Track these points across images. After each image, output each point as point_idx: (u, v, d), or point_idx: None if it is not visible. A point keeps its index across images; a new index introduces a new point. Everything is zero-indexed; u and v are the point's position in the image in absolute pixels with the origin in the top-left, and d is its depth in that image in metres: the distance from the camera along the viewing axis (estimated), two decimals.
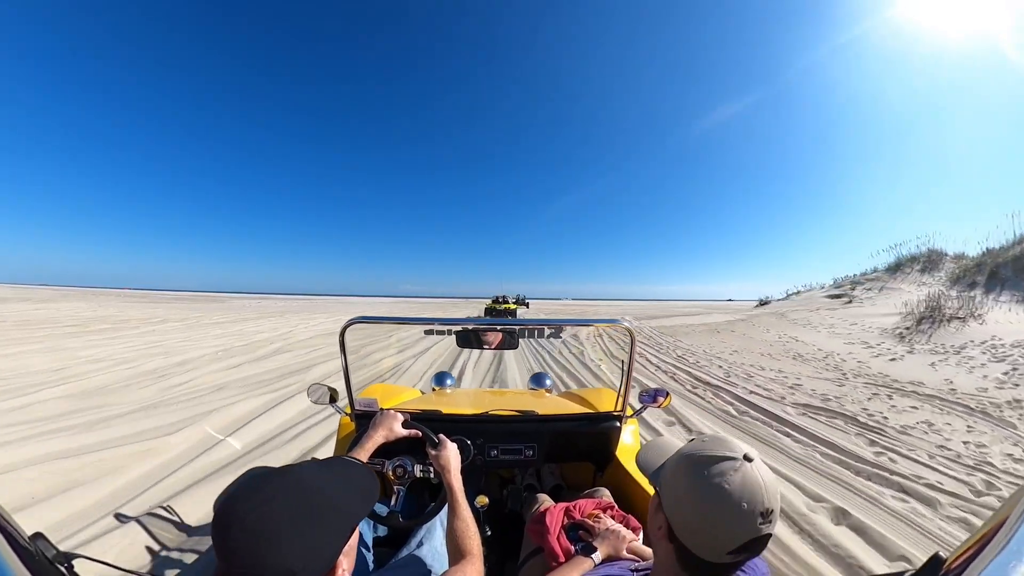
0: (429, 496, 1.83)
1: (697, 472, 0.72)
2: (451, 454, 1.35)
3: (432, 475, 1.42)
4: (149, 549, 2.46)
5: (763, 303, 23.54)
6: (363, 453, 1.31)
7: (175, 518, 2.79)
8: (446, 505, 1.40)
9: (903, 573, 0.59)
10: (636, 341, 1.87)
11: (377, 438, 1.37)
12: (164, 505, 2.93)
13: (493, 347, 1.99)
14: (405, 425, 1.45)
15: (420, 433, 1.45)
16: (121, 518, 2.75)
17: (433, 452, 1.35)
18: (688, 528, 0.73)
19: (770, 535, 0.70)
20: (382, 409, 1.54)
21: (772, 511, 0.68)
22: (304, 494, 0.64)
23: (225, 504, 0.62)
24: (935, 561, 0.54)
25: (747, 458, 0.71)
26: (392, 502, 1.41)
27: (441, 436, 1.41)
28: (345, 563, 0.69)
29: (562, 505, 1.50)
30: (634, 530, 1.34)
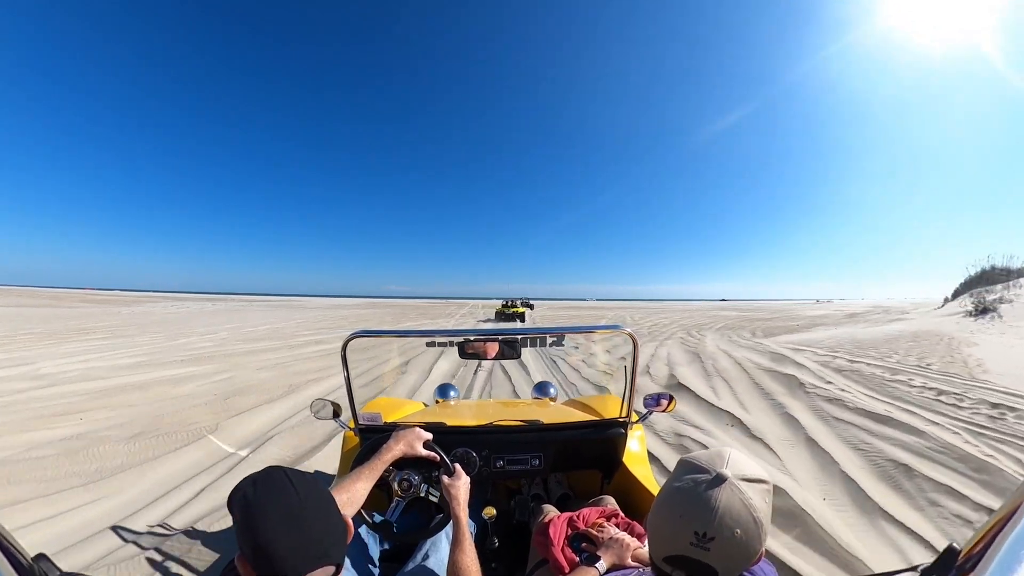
0: (432, 512, 1.83)
1: (676, 471, 0.75)
2: (463, 485, 1.34)
3: (436, 499, 1.41)
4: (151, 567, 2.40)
5: (982, 310, 16.05)
6: (380, 464, 1.31)
7: (175, 535, 2.75)
8: (448, 525, 1.38)
9: (918, 567, 0.58)
10: (638, 346, 1.86)
11: (396, 451, 1.37)
12: (163, 524, 2.88)
13: (495, 357, 1.98)
14: (426, 446, 1.46)
15: (438, 457, 1.46)
16: (123, 535, 2.70)
17: (447, 480, 1.35)
18: (648, 520, 0.80)
19: (710, 567, 0.64)
20: (408, 425, 1.55)
21: (712, 538, 0.63)
22: (316, 484, 0.74)
23: (256, 494, 0.68)
24: (949, 552, 0.54)
25: (718, 477, 0.66)
26: (388, 512, 1.40)
27: (457, 466, 1.41)
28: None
29: (566, 515, 1.48)
30: (639, 537, 1.32)
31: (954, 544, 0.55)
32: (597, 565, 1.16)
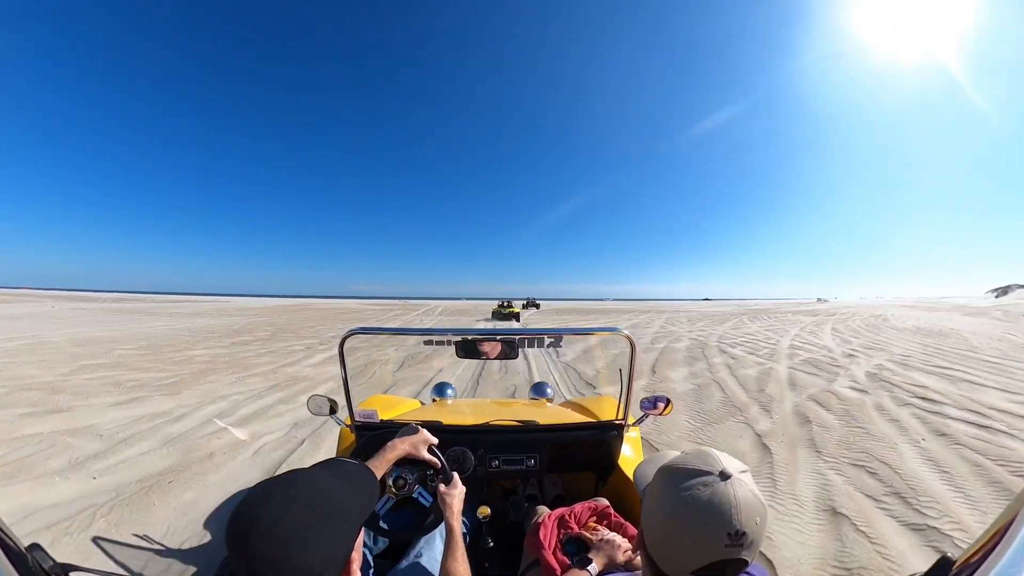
0: (423, 513, 1.83)
1: (667, 484, 0.71)
2: (459, 495, 1.33)
3: (427, 503, 1.41)
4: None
5: None
6: (384, 462, 1.30)
7: (162, 540, 2.73)
8: (438, 526, 1.38)
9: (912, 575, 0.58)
10: (636, 349, 1.86)
11: (401, 451, 1.36)
12: (141, 534, 2.82)
13: (493, 357, 1.98)
14: (429, 451, 1.45)
15: (439, 464, 1.45)
16: (105, 542, 2.68)
17: (443, 488, 1.33)
18: (654, 541, 0.73)
19: (744, 561, 0.65)
20: (417, 424, 1.54)
21: (743, 534, 0.63)
22: (318, 499, 0.67)
23: (242, 511, 0.63)
24: (944, 563, 0.54)
25: (723, 475, 0.66)
26: (378, 505, 1.40)
27: (455, 475, 1.40)
28: (355, 557, 0.74)
29: (557, 512, 1.48)
30: (630, 538, 1.32)
31: (948, 555, 0.55)
32: (589, 568, 1.16)
